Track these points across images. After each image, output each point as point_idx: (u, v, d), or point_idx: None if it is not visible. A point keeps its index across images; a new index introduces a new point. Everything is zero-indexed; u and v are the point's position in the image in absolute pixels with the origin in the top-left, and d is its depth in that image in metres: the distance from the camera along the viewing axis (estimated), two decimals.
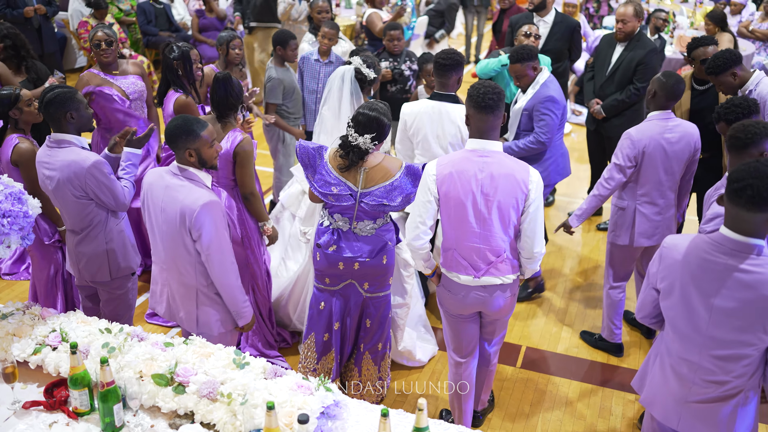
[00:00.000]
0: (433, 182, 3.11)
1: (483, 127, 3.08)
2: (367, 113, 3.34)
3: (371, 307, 3.67)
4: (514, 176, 3.03)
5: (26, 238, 3.04)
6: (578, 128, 8.49)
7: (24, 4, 7.83)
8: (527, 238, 3.12)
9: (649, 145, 3.85)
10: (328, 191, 3.39)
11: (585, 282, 5.32)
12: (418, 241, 3.20)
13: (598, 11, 10.37)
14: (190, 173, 3.11)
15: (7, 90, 3.81)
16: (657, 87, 3.88)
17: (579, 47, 6.02)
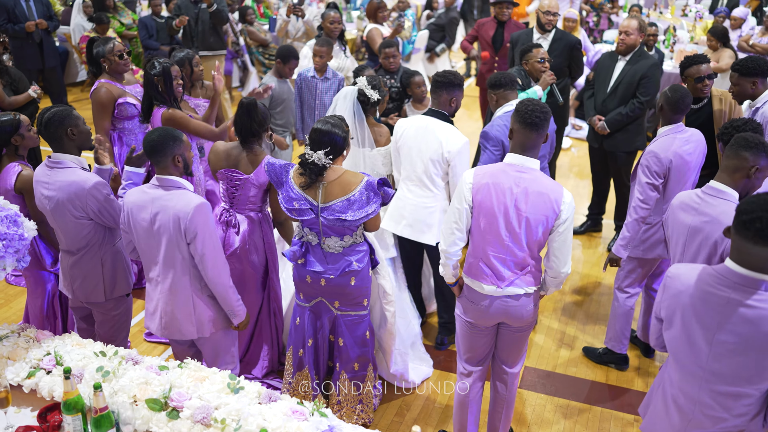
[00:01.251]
0: (469, 191, 3.16)
1: (526, 143, 3.14)
2: (320, 128, 3.39)
3: (342, 325, 3.68)
4: (548, 195, 3.09)
5: (21, 260, 3.04)
6: (578, 143, 8.49)
7: (26, 19, 7.86)
8: (556, 258, 3.18)
9: (674, 159, 3.88)
10: (291, 206, 3.45)
11: (584, 299, 5.29)
12: (454, 247, 3.25)
13: (598, 25, 10.39)
14: (172, 181, 3.19)
15: (8, 117, 3.79)
16: (663, 101, 3.95)
17: (580, 64, 6.02)
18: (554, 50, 5.90)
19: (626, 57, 5.43)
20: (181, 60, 4.91)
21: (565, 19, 8.07)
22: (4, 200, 3.03)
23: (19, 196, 3.75)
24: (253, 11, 9.35)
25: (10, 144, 3.80)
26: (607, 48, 9.19)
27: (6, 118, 3.79)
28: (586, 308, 5.18)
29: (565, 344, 4.74)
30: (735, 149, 2.99)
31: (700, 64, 4.53)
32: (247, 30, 9.23)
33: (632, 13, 9.20)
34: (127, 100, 4.80)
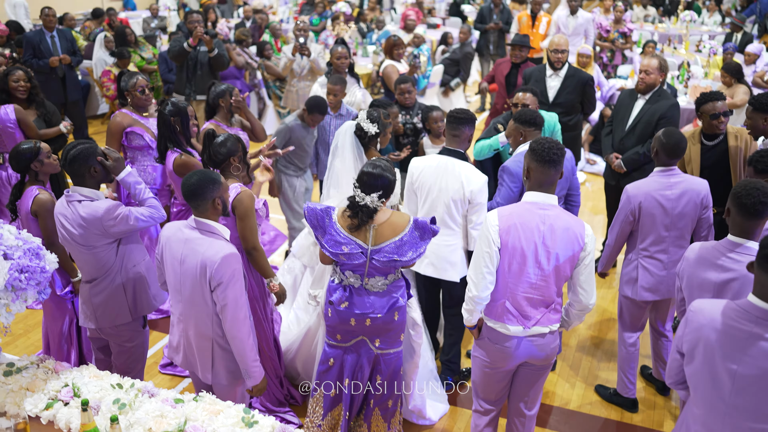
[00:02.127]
0: (496, 232, 3.18)
1: (544, 181, 3.21)
2: (371, 172, 3.38)
3: (382, 363, 3.65)
4: (573, 230, 3.16)
5: (42, 292, 3.09)
6: (593, 177, 8.50)
7: (50, 54, 8.05)
8: (583, 290, 3.23)
9: (645, 200, 3.92)
10: (339, 251, 3.41)
11: (600, 335, 5.27)
12: (485, 292, 3.23)
13: (611, 60, 10.46)
14: (209, 226, 3.19)
15: (28, 144, 3.93)
16: (657, 146, 3.98)
17: (592, 101, 6.06)
18: (567, 86, 5.96)
19: (646, 96, 5.38)
20: (222, 92, 5.03)
21: (579, 54, 8.15)
22: (27, 233, 3.09)
23: (34, 219, 3.87)
24: (270, 46, 9.53)
25: (30, 170, 3.94)
26: (621, 83, 9.25)
27: (27, 145, 3.93)
28: (603, 345, 5.15)
29: (580, 380, 4.71)
30: (741, 206, 2.98)
31: (716, 101, 4.56)
32: (265, 64, 9.40)
33: (648, 50, 9.26)
34: (135, 130, 4.90)
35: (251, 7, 12.73)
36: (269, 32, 10.55)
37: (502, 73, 6.94)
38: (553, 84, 6.00)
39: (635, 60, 10.27)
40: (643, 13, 14.56)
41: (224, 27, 11.38)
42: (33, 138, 5.07)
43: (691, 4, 14.75)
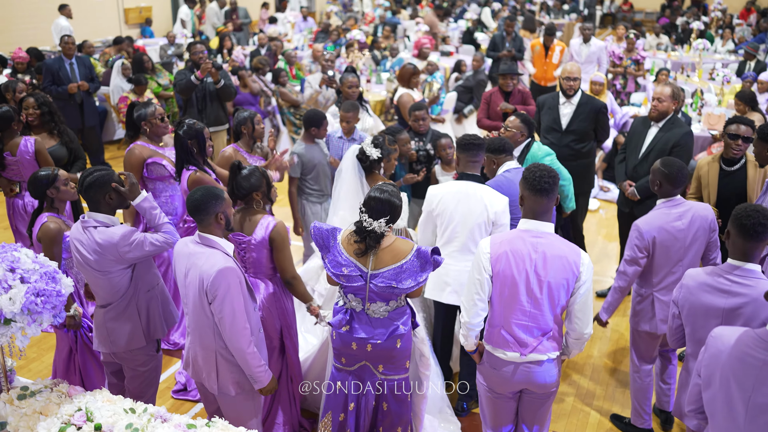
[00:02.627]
0: (488, 260, 3.18)
1: (537, 209, 3.20)
2: (378, 197, 3.39)
3: (387, 389, 3.63)
4: (567, 258, 3.13)
5: (58, 316, 3.11)
6: (606, 204, 8.48)
7: (69, 81, 8.19)
8: (578, 319, 3.21)
9: (659, 234, 3.86)
10: (339, 272, 3.43)
11: (614, 365, 5.21)
12: (477, 318, 3.26)
13: (624, 88, 10.48)
14: (210, 240, 3.31)
15: (45, 171, 3.99)
16: (660, 178, 3.91)
17: (605, 128, 6.05)
18: (580, 114, 5.97)
19: (659, 124, 5.36)
20: (244, 119, 5.09)
21: (592, 82, 8.18)
22: (44, 257, 3.12)
23: (39, 245, 3.92)
24: (285, 73, 9.63)
25: (47, 196, 3.99)
26: (635, 110, 9.26)
27: (44, 172, 3.99)
28: (617, 374, 5.09)
29: (595, 409, 4.65)
30: (741, 230, 2.97)
31: (741, 124, 4.57)
32: (280, 91, 9.49)
33: (661, 77, 9.28)
34: (156, 160, 4.89)
35: (266, 34, 12.90)
36: (284, 59, 10.68)
37: (497, 104, 6.98)
38: (566, 111, 6.02)
39: (648, 88, 10.30)
40: (656, 41, 14.62)
41: (240, 54, 11.55)
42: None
43: (704, 33, 14.79)
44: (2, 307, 2.81)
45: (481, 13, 18.62)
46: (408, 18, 17.66)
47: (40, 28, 13.25)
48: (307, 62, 11.26)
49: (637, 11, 24.78)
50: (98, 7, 14.87)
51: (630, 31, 11.05)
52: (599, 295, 6.19)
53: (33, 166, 5.19)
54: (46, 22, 13.36)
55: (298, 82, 10.48)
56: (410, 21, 16.84)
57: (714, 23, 17.05)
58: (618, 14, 24.49)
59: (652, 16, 23.74)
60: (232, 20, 15.35)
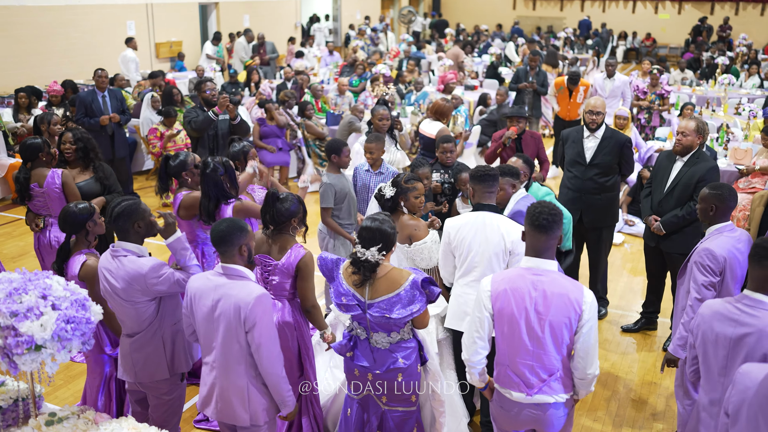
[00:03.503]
0: (488, 298, 3.17)
1: (538, 246, 3.17)
2: (369, 226, 3.44)
3: (390, 421, 3.62)
4: (568, 296, 3.08)
5: (87, 343, 3.16)
6: (631, 239, 8.41)
7: (101, 113, 8.39)
8: (580, 359, 3.13)
9: (729, 257, 3.85)
10: (339, 301, 3.49)
11: (641, 403, 5.12)
12: (476, 356, 3.23)
13: (649, 122, 10.47)
14: (237, 270, 3.32)
15: (83, 204, 4.05)
16: (715, 202, 3.92)
17: (630, 162, 6.04)
18: (604, 147, 5.97)
19: (684, 158, 5.34)
20: (237, 153, 5.18)
21: (616, 116, 8.19)
22: (74, 284, 3.18)
23: (82, 284, 3.88)
24: (312, 106, 9.78)
25: (84, 229, 4.03)
26: (659, 145, 9.24)
27: (83, 205, 4.06)
28: (644, 412, 5.01)
29: None
30: (758, 259, 2.98)
31: None
32: (306, 124, 9.63)
33: (687, 112, 9.26)
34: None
35: (293, 68, 13.13)
36: (310, 93, 10.85)
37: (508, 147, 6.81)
38: (590, 145, 6.03)
39: (673, 122, 10.28)
40: (681, 76, 14.61)
41: (267, 87, 11.75)
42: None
43: (729, 68, 14.76)
44: (33, 334, 2.86)
45: (505, 48, 18.79)
46: (432, 52, 17.87)
47: (75, 63, 13.67)
48: (333, 96, 11.42)
49: (660, 46, 24.84)
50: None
51: (654, 66, 11.07)
52: (624, 330, 6.12)
53: (60, 199, 5.21)
54: (80, 57, 13.80)
55: (324, 115, 10.64)
56: (434, 55, 17.04)
57: (739, 58, 17.02)
58: (642, 49, 24.55)
59: (677, 51, 23.78)
60: (259, 54, 15.66)
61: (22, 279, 3.03)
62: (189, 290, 3.39)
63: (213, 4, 18.07)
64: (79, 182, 5.43)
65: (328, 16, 23.54)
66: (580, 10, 27.07)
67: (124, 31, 14.98)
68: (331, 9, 24.10)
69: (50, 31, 13.42)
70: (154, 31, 15.82)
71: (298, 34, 21.12)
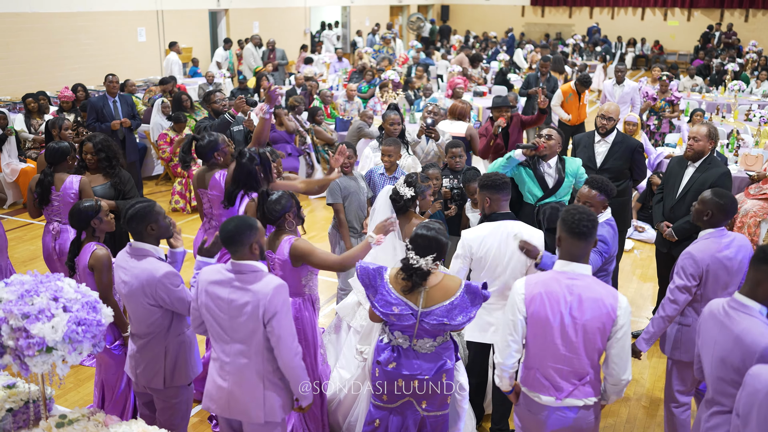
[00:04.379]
0: (522, 301, 3.15)
1: (575, 252, 3.16)
2: (426, 234, 3.41)
3: (428, 426, 3.60)
4: (603, 301, 3.07)
5: (97, 345, 3.16)
6: (641, 245, 8.37)
7: (112, 118, 8.44)
8: (614, 365, 3.12)
9: (712, 263, 3.84)
10: (390, 311, 3.42)
11: (652, 409, 5.09)
12: (510, 360, 3.21)
13: (659, 129, 10.43)
14: (251, 266, 3.26)
15: (90, 202, 4.12)
16: (714, 208, 3.89)
17: (642, 168, 6.02)
18: (615, 152, 5.95)
19: (695, 164, 5.31)
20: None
21: (626, 122, 8.16)
22: (85, 287, 3.19)
23: (90, 273, 4.00)
24: (321, 112, 9.81)
25: (90, 226, 4.11)
26: (669, 151, 9.20)
27: (89, 203, 4.12)
28: (655, 418, 4.97)
29: None
30: (756, 262, 2.93)
31: None
32: (315, 129, 9.66)
33: (696, 119, 9.23)
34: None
35: (303, 74, 13.17)
36: (319, 98, 10.88)
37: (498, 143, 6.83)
38: (600, 150, 6.02)
39: (683, 128, 10.24)
40: (691, 83, 14.57)
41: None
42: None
43: (739, 74, 14.71)
44: (45, 335, 2.87)
45: (514, 54, 18.80)
46: (441, 58, 17.89)
47: (87, 69, 13.75)
48: (342, 101, 11.45)
49: (669, 53, 24.80)
50: (141, 48, 15.38)
51: (664, 73, 11.04)
52: (635, 336, 6.08)
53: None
54: (92, 63, 13.89)
55: (333, 121, 10.67)
56: (442, 61, 17.05)
57: (749, 65, 16.96)
58: (651, 57, 24.51)
59: (686, 58, 23.73)
60: (270, 60, 15.72)
61: (33, 281, 3.04)
62: (200, 283, 3.34)
63: (223, 11, 18.18)
64: (95, 187, 5.41)
65: (338, 23, 23.63)
66: (589, 17, 27.07)
67: (135, 38, 15.10)
68: (340, 16, 24.19)
69: (62, 38, 13.53)
70: (164, 38, 15.92)
71: (308, 41, 21.21)
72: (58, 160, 5.29)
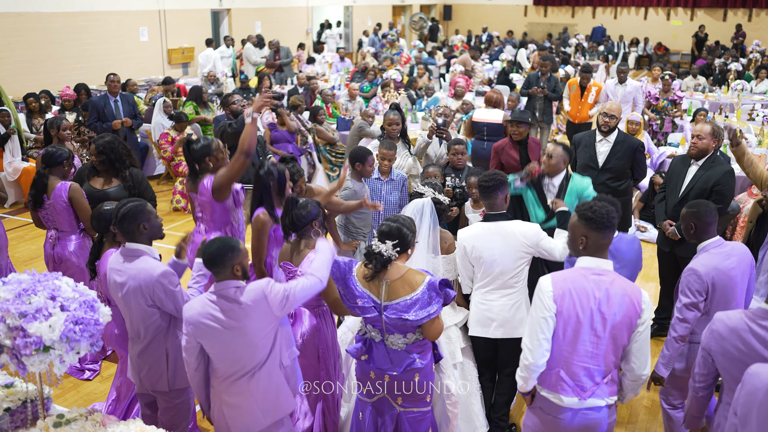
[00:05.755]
0: (550, 299, 3.11)
1: (601, 245, 3.15)
2: (390, 224, 3.45)
3: (406, 423, 3.59)
4: (629, 296, 3.07)
5: (95, 344, 3.15)
6: (643, 245, 8.32)
7: (113, 117, 8.43)
8: (636, 359, 3.11)
9: (716, 276, 3.76)
10: (354, 304, 3.46)
11: (657, 408, 5.06)
12: (542, 359, 3.14)
13: (661, 128, 10.40)
14: (232, 284, 3.19)
15: (110, 206, 4.10)
16: (692, 220, 3.86)
17: (643, 167, 6.00)
18: (617, 152, 5.93)
19: (699, 162, 5.26)
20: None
21: (629, 122, 8.14)
22: (83, 286, 3.18)
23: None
24: (323, 111, 9.79)
25: (110, 232, 4.12)
26: (672, 150, 9.17)
27: (109, 207, 4.14)
28: (657, 419, 4.94)
29: None
30: None
31: None
32: (316, 129, 9.64)
33: (699, 118, 9.20)
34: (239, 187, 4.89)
35: (305, 74, 13.16)
36: (321, 98, 10.86)
37: (513, 157, 6.27)
38: (602, 149, 5.99)
39: (686, 128, 10.21)
40: (693, 82, 14.53)
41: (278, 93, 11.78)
42: (84, 219, 5.09)
43: (742, 74, 14.66)
44: (42, 334, 2.86)
45: (517, 54, 18.76)
46: (443, 58, 17.87)
47: (89, 68, 13.76)
48: (344, 101, 11.44)
49: (673, 53, 24.74)
50: (143, 48, 15.38)
51: (665, 72, 11.00)
52: None
53: (67, 211, 5.08)
54: (94, 62, 13.90)
55: (334, 120, 10.65)
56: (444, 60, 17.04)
57: (752, 64, 16.91)
58: (654, 56, 24.45)
59: (689, 58, 23.68)
60: (275, 60, 15.68)
61: (31, 280, 3.02)
62: (191, 326, 3.23)
63: (225, 11, 18.17)
64: (108, 189, 5.27)
65: (340, 23, 23.62)
66: (592, 16, 27.02)
67: (137, 37, 15.10)
68: (342, 16, 24.18)
69: (64, 37, 13.53)
70: (166, 38, 15.92)
71: (310, 40, 21.20)
72: (54, 164, 5.18)
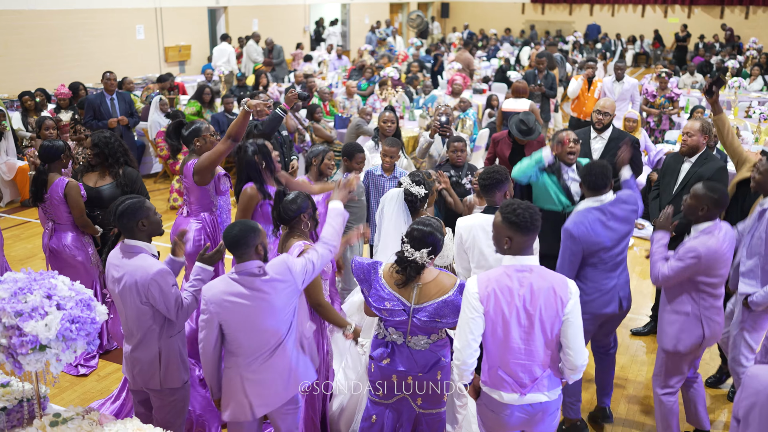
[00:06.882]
0: (477, 299, 3.12)
1: (524, 246, 3.16)
2: (422, 229, 3.40)
3: (424, 423, 3.59)
4: (554, 288, 3.08)
5: (91, 343, 3.15)
6: (640, 242, 8.36)
7: (109, 116, 8.42)
8: (570, 349, 3.11)
9: (714, 258, 3.86)
10: (382, 306, 3.42)
11: (650, 408, 5.07)
12: (472, 359, 3.17)
13: (659, 125, 10.41)
14: (256, 265, 3.29)
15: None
16: (709, 203, 3.90)
17: (638, 163, 5.99)
18: (611, 149, 5.92)
19: (692, 159, 5.29)
20: (316, 153, 5.19)
21: (626, 119, 8.14)
22: (80, 284, 3.17)
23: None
24: (320, 109, 9.78)
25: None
26: (669, 148, 9.18)
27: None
28: (653, 415, 4.95)
29: None
30: None
31: None
32: (314, 127, 9.62)
33: (696, 115, 9.21)
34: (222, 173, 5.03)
35: (302, 72, 13.14)
36: (318, 96, 10.85)
37: (504, 153, 6.37)
38: (597, 146, 5.99)
39: (683, 125, 10.20)
40: (691, 80, 14.53)
41: (275, 91, 11.77)
42: (76, 217, 5.13)
43: (740, 71, 14.67)
44: (38, 333, 2.86)
45: (520, 52, 18.73)
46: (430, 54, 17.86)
47: (86, 66, 13.74)
48: (341, 99, 11.43)
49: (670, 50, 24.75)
50: (140, 45, 15.35)
51: (662, 70, 11.01)
52: (634, 333, 6.08)
53: (63, 206, 5.12)
54: (90, 60, 13.87)
55: (332, 118, 10.64)
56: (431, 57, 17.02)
57: (750, 62, 16.93)
58: (651, 53, 24.45)
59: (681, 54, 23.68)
60: (269, 58, 15.66)
61: (27, 279, 3.02)
62: (211, 306, 3.32)
63: (222, 9, 18.14)
64: (100, 186, 5.30)
65: (337, 21, 23.59)
66: (589, 14, 27.02)
67: (133, 35, 15.07)
68: (339, 13, 24.15)
69: (60, 35, 13.51)
70: (163, 35, 15.90)
71: (307, 38, 21.17)
72: (51, 158, 5.20)
